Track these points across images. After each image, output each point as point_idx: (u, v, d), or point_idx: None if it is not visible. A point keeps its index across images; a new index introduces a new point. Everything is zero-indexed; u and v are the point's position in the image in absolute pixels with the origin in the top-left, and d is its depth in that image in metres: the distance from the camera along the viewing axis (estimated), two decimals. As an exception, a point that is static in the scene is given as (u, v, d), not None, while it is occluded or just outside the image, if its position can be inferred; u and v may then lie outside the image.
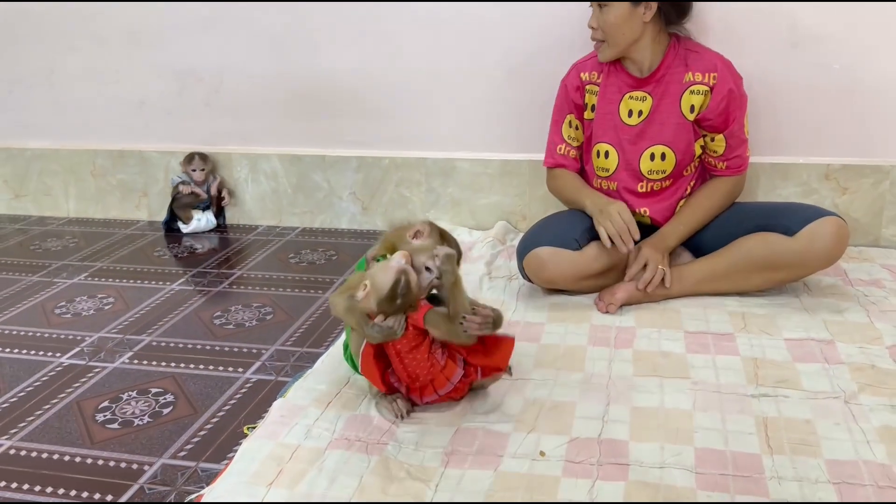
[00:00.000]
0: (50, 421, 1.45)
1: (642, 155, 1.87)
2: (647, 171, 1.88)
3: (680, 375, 1.49)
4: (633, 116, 1.88)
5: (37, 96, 2.74)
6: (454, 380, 1.34)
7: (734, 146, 1.87)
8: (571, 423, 1.33)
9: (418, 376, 1.33)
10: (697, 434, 1.30)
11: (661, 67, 1.85)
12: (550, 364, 1.55)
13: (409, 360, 1.31)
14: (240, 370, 1.63)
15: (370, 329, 1.27)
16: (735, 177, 1.91)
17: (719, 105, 1.82)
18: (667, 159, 1.86)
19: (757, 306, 1.78)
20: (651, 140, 1.87)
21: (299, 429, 1.34)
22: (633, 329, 1.69)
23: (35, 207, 2.86)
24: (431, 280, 1.31)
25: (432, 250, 1.31)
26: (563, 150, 2.01)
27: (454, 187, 2.46)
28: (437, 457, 1.26)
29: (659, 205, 1.92)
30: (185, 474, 1.28)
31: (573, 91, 1.95)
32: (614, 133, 1.90)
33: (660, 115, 1.86)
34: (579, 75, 1.95)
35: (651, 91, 1.86)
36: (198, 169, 2.60)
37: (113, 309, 1.97)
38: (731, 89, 1.81)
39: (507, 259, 2.16)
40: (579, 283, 1.83)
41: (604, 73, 1.91)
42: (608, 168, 1.92)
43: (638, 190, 1.90)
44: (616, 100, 1.90)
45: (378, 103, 2.46)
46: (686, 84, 1.84)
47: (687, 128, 1.85)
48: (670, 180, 1.90)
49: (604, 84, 1.91)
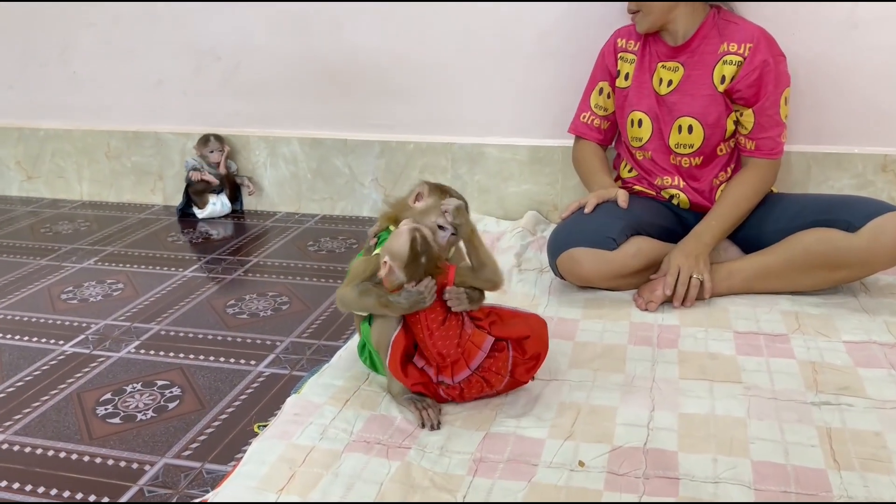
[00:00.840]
0: (47, 414, 1.35)
1: (672, 126, 1.78)
2: (674, 144, 1.79)
3: (731, 379, 1.36)
4: (663, 86, 1.79)
5: (50, 74, 2.65)
6: (485, 347, 1.22)
7: (765, 125, 1.73)
8: (613, 430, 1.21)
9: (449, 353, 1.22)
10: (754, 445, 1.17)
11: (696, 37, 1.75)
12: (587, 364, 1.42)
13: (440, 334, 1.21)
14: (252, 363, 1.52)
15: (398, 299, 1.18)
16: (765, 160, 1.76)
17: (750, 76, 1.70)
18: (694, 132, 1.75)
19: (811, 305, 1.65)
20: (680, 111, 1.77)
21: (314, 429, 1.23)
22: (677, 328, 1.56)
23: (48, 190, 2.77)
24: (448, 237, 1.25)
25: (439, 207, 1.25)
26: (586, 118, 1.95)
27: (482, 174, 2.33)
28: (464, 464, 1.14)
29: (693, 183, 1.81)
30: (188, 476, 1.17)
31: (609, 56, 1.89)
32: (648, 101, 1.81)
33: (690, 85, 1.76)
34: (616, 41, 1.89)
35: (684, 61, 1.77)
36: (215, 150, 2.48)
37: (122, 295, 1.88)
38: (765, 61, 1.69)
39: (537, 251, 2.03)
40: (616, 281, 1.71)
41: (641, 41, 1.84)
42: (641, 137, 1.83)
43: (671, 161, 1.82)
44: (651, 68, 1.81)
45: (403, 85, 2.34)
46: (720, 55, 1.73)
47: (717, 100, 1.73)
48: (699, 157, 1.79)
49: (641, 52, 1.83)
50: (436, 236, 1.23)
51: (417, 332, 1.23)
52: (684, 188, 1.82)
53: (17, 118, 2.74)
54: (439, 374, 1.24)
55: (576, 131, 1.98)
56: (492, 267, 1.25)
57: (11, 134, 2.73)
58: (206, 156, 2.49)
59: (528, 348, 1.25)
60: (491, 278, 1.25)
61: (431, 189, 1.32)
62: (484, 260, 1.24)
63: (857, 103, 2.00)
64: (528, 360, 1.26)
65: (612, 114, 1.93)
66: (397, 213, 1.31)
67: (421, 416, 1.24)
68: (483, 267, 1.24)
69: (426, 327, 1.22)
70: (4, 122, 2.74)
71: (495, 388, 1.27)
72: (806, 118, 2.00)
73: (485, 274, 1.25)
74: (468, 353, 1.23)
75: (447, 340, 1.22)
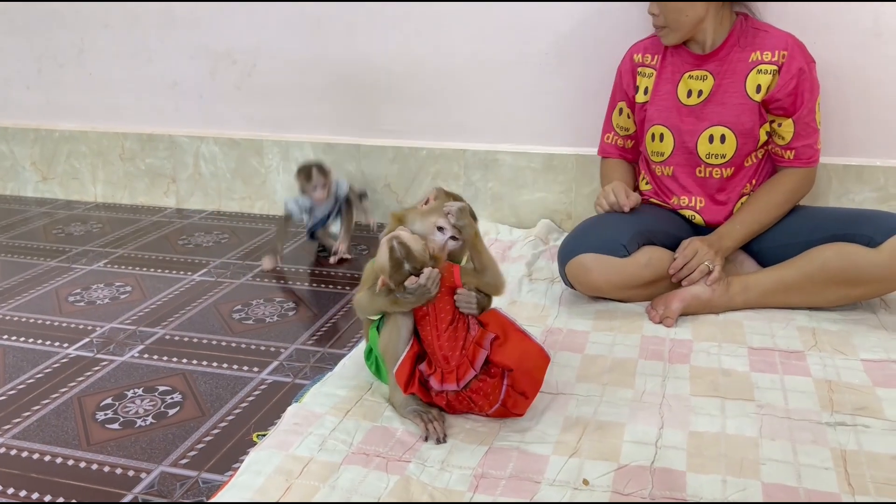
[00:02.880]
0: (47, 418, 1.33)
1: (700, 136, 1.73)
2: (705, 154, 1.73)
3: (743, 397, 1.32)
4: (693, 96, 1.74)
5: (67, 76, 2.65)
6: (486, 343, 1.19)
7: (803, 133, 1.69)
8: (620, 448, 1.17)
9: (453, 355, 1.20)
10: (765, 466, 1.13)
11: (725, 46, 1.71)
12: (596, 378, 1.39)
13: (448, 336, 1.20)
14: (255, 370, 1.50)
15: (405, 295, 1.18)
16: (803, 169, 1.72)
17: (788, 84, 1.66)
18: (727, 142, 1.70)
19: (829, 322, 1.60)
20: (710, 121, 1.72)
21: (313, 439, 1.20)
22: (690, 342, 1.52)
23: (62, 191, 2.78)
24: (446, 240, 1.24)
25: (442, 209, 1.24)
26: (610, 139, 1.93)
27: (495, 181, 2.30)
28: (465, 479, 1.11)
29: (714, 205, 1.76)
30: (184, 485, 1.15)
31: (626, 75, 1.85)
32: (670, 114, 1.76)
33: (721, 94, 1.71)
34: (632, 57, 1.84)
35: (712, 70, 1.72)
36: (318, 186, 2.09)
37: (129, 298, 1.87)
38: (801, 68, 1.65)
39: (549, 260, 2.00)
40: (627, 291, 1.67)
41: (660, 53, 1.79)
42: (663, 152, 1.78)
43: (696, 174, 1.76)
44: (675, 80, 1.76)
45: (416, 90, 2.32)
46: (753, 63, 1.69)
47: (752, 109, 1.69)
48: (731, 168, 1.74)
49: (661, 65, 1.78)
50: (432, 238, 1.23)
51: (426, 335, 1.21)
52: (702, 209, 1.77)
53: (33, 119, 2.75)
54: (443, 383, 1.21)
55: (603, 153, 1.95)
56: (493, 271, 1.25)
57: (28, 135, 2.74)
58: (310, 193, 2.11)
59: (516, 382, 1.20)
60: (492, 282, 1.25)
61: (440, 194, 1.31)
62: (486, 263, 1.24)
63: (879, 114, 1.95)
64: (517, 394, 1.21)
65: (633, 133, 1.89)
66: (403, 215, 1.29)
67: (426, 429, 1.21)
68: (485, 270, 1.24)
69: (435, 327, 1.20)
70: (21, 123, 2.76)
71: (483, 411, 1.24)
72: (826, 128, 1.95)
73: (486, 277, 1.25)
74: (472, 354, 1.20)
75: (453, 342, 1.20)
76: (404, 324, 1.23)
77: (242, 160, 2.54)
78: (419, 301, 1.19)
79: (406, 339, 1.23)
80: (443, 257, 1.23)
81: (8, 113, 2.78)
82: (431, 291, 1.19)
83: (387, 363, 1.27)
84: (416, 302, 1.20)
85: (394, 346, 1.24)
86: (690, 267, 1.62)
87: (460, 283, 1.22)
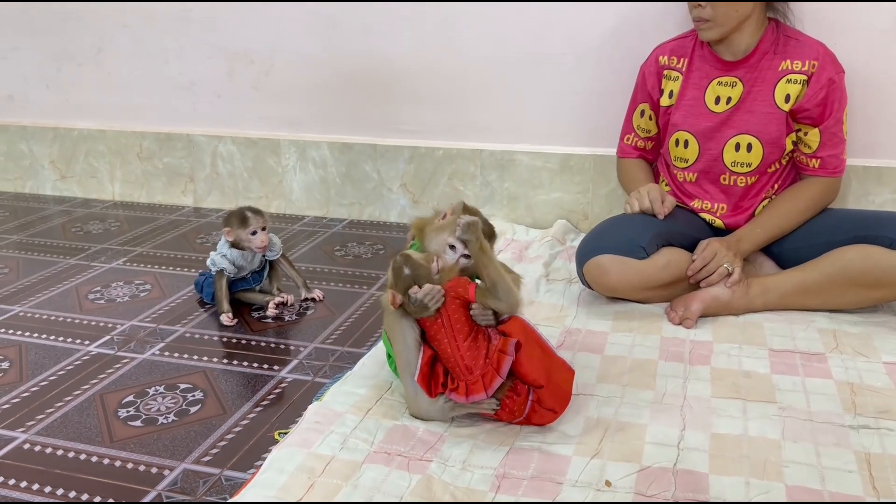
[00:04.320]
0: (69, 415, 1.34)
1: (726, 144, 1.72)
2: (730, 162, 1.72)
3: (765, 399, 1.31)
4: (721, 103, 1.72)
5: (85, 75, 2.67)
6: (510, 349, 1.17)
7: (829, 143, 1.68)
8: (641, 449, 1.17)
9: (477, 364, 1.19)
10: (788, 469, 1.12)
11: (756, 52, 1.69)
12: (616, 379, 1.39)
13: (467, 346, 1.19)
14: (275, 368, 1.51)
15: (409, 305, 1.20)
16: (828, 179, 1.71)
17: (817, 95, 1.64)
18: (753, 151, 1.69)
19: (849, 324, 1.59)
20: (737, 129, 1.71)
21: (335, 437, 1.21)
22: (710, 344, 1.51)
23: (80, 189, 2.79)
24: (458, 258, 1.23)
25: (453, 227, 1.22)
26: (630, 140, 1.92)
27: (511, 182, 2.30)
28: (486, 479, 1.11)
29: (742, 203, 1.75)
30: (207, 482, 1.15)
31: (650, 77, 1.83)
32: (696, 121, 1.74)
33: (749, 102, 1.70)
34: (658, 59, 1.82)
35: (742, 77, 1.71)
36: (258, 231, 1.74)
37: (149, 296, 1.88)
38: (831, 79, 1.64)
39: (566, 261, 1.99)
40: (645, 293, 1.66)
41: (688, 57, 1.77)
42: (687, 158, 1.76)
43: (720, 181, 1.75)
44: (702, 85, 1.74)
45: (433, 90, 2.32)
46: (782, 72, 1.67)
47: (779, 119, 1.67)
48: (755, 176, 1.73)
49: (689, 69, 1.77)
50: (443, 257, 1.23)
51: (444, 349, 1.21)
52: (723, 215, 1.76)
53: (52, 118, 2.77)
54: (470, 395, 1.19)
55: (622, 153, 1.95)
56: (504, 287, 1.18)
57: (47, 133, 2.76)
58: (245, 241, 1.74)
59: (545, 399, 1.20)
60: (504, 298, 1.18)
61: (458, 209, 1.29)
62: (495, 279, 1.18)
63: (900, 115, 1.94)
64: (546, 410, 1.21)
65: (655, 135, 1.89)
66: (422, 225, 1.30)
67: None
68: (494, 286, 1.18)
69: (453, 338, 1.20)
70: (40, 122, 2.78)
71: (503, 420, 1.24)
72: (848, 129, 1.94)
73: (497, 293, 1.18)
74: (496, 362, 1.19)
75: (475, 352, 1.19)
76: (409, 332, 1.23)
77: (259, 160, 2.55)
78: (417, 313, 1.20)
79: (413, 345, 1.23)
80: (452, 273, 1.22)
81: (27, 112, 2.80)
82: (429, 307, 1.18)
83: (401, 371, 1.27)
84: (416, 313, 1.20)
85: (405, 352, 1.24)
86: (709, 269, 1.62)
87: (474, 299, 1.19)
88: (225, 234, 1.75)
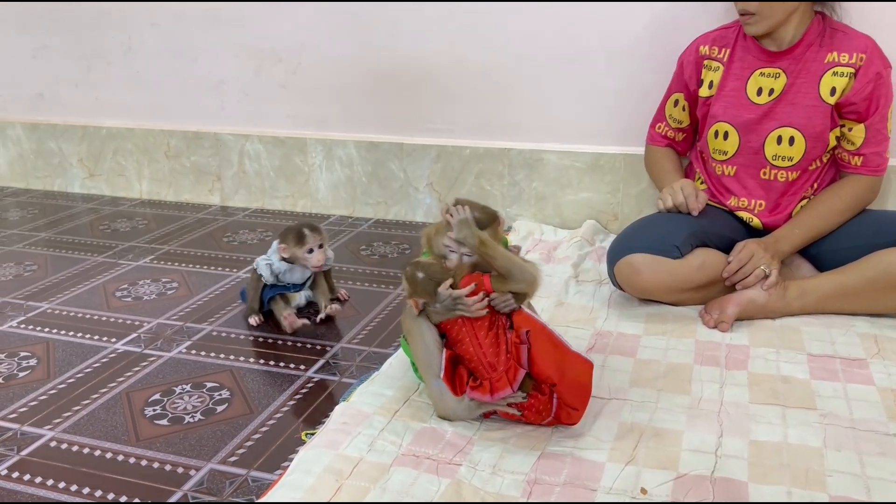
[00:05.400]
0: (96, 412, 1.34)
1: (768, 137, 1.67)
2: (771, 155, 1.68)
3: (805, 406, 1.27)
4: (763, 94, 1.67)
5: (114, 74, 2.68)
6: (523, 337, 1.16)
7: (873, 140, 1.64)
8: (678, 456, 1.13)
9: (500, 360, 1.17)
10: (831, 479, 1.08)
11: (801, 44, 1.65)
12: (650, 384, 1.35)
13: (488, 342, 1.17)
14: (302, 367, 1.49)
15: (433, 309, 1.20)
16: (869, 178, 1.67)
17: (864, 89, 1.60)
18: (795, 144, 1.65)
19: (891, 328, 1.54)
20: (779, 121, 1.66)
21: (362, 439, 1.19)
22: (747, 348, 1.47)
23: (108, 187, 2.81)
24: (459, 258, 1.22)
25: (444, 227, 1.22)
26: (661, 128, 1.90)
27: (539, 181, 2.27)
28: (517, 485, 1.08)
29: (774, 208, 1.71)
30: (233, 483, 1.14)
31: (689, 67, 1.79)
32: (737, 112, 1.70)
33: (793, 94, 1.65)
34: (698, 49, 1.77)
35: (786, 68, 1.66)
36: (315, 249, 1.65)
37: (176, 294, 1.87)
38: (879, 73, 1.60)
39: (595, 261, 1.96)
40: (678, 295, 1.63)
41: (730, 48, 1.73)
42: (726, 151, 1.72)
43: (760, 176, 1.71)
44: (744, 76, 1.70)
45: (461, 88, 2.30)
46: (828, 65, 1.63)
47: (824, 112, 1.63)
48: (796, 172, 1.68)
49: (731, 59, 1.72)
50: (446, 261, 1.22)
51: (466, 349, 1.19)
52: (761, 212, 1.72)
53: (81, 116, 2.78)
54: (495, 393, 1.17)
55: (651, 141, 1.94)
56: (517, 270, 1.18)
57: (76, 132, 2.78)
58: (301, 259, 1.65)
59: (564, 396, 1.17)
60: (521, 279, 1.18)
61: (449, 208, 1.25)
62: (506, 266, 1.18)
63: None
64: (568, 407, 1.18)
65: (686, 126, 1.85)
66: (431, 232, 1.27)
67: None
68: (509, 274, 1.18)
69: (475, 336, 1.18)
70: (69, 120, 2.79)
71: (532, 423, 1.22)
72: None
73: (513, 280, 1.18)
74: (516, 355, 1.18)
75: (496, 347, 1.18)
76: (428, 333, 1.22)
77: (286, 158, 2.54)
78: (443, 316, 1.19)
79: (434, 346, 1.21)
80: (461, 273, 1.21)
81: (57, 111, 2.81)
82: (458, 308, 1.17)
83: (423, 374, 1.25)
84: (442, 316, 1.20)
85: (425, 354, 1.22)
86: (745, 271, 1.57)
87: (491, 289, 1.19)
88: (280, 250, 1.65)
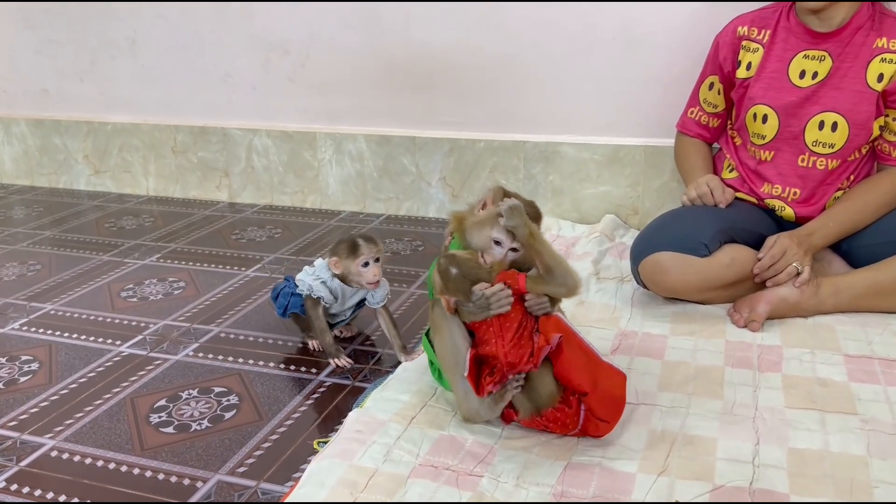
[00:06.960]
0: (99, 420, 1.28)
1: (809, 122, 1.59)
2: (812, 141, 1.60)
3: (845, 410, 1.20)
4: (806, 77, 1.59)
5: (119, 68, 2.63)
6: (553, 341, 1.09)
7: None
8: (713, 466, 1.07)
9: (522, 361, 1.10)
10: (878, 489, 1.02)
11: (850, 26, 1.57)
12: (679, 387, 1.28)
13: (512, 344, 1.10)
14: (313, 371, 1.43)
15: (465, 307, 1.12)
16: None
17: None
18: (838, 130, 1.57)
19: (931, 327, 1.47)
20: (822, 106, 1.58)
21: (377, 449, 1.12)
22: (779, 349, 1.40)
23: (114, 184, 2.75)
24: (505, 252, 1.13)
25: (495, 218, 1.12)
26: (694, 113, 1.81)
27: (556, 175, 2.20)
28: (543, 498, 1.02)
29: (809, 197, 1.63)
30: (242, 496, 1.08)
31: (724, 48, 1.70)
32: (778, 94, 1.61)
33: (838, 79, 1.57)
34: (736, 29, 1.69)
35: (832, 51, 1.58)
36: (370, 262, 1.44)
37: (182, 294, 1.81)
38: None
39: (616, 258, 1.89)
40: (706, 293, 1.56)
41: (771, 29, 1.64)
42: (765, 135, 1.64)
43: (798, 162, 1.63)
44: (786, 58, 1.62)
45: (474, 80, 2.23)
46: (877, 50, 1.55)
47: (869, 99, 1.55)
48: (836, 160, 1.60)
49: (772, 41, 1.64)
50: (490, 253, 1.13)
51: (490, 349, 1.12)
52: (794, 201, 1.64)
53: (86, 112, 2.73)
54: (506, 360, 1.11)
55: (682, 127, 1.84)
56: (561, 271, 1.11)
57: (81, 128, 2.73)
58: (353, 273, 1.45)
59: (594, 407, 1.10)
60: (563, 283, 1.11)
61: (497, 195, 1.20)
62: (550, 264, 1.10)
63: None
64: (598, 420, 1.11)
65: (722, 111, 1.77)
66: (464, 216, 1.19)
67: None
68: (550, 272, 1.10)
69: (500, 337, 1.11)
70: (74, 116, 2.74)
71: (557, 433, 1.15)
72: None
73: (554, 279, 1.11)
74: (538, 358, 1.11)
75: (520, 349, 1.11)
76: (457, 331, 1.15)
77: (295, 153, 2.48)
78: (476, 315, 1.12)
79: (462, 345, 1.15)
80: (501, 268, 1.13)
81: (61, 106, 2.76)
82: (492, 307, 1.10)
83: (448, 373, 1.18)
84: (475, 315, 1.12)
85: (453, 352, 1.15)
86: (777, 268, 1.50)
87: (525, 289, 1.11)
88: (331, 264, 1.45)
